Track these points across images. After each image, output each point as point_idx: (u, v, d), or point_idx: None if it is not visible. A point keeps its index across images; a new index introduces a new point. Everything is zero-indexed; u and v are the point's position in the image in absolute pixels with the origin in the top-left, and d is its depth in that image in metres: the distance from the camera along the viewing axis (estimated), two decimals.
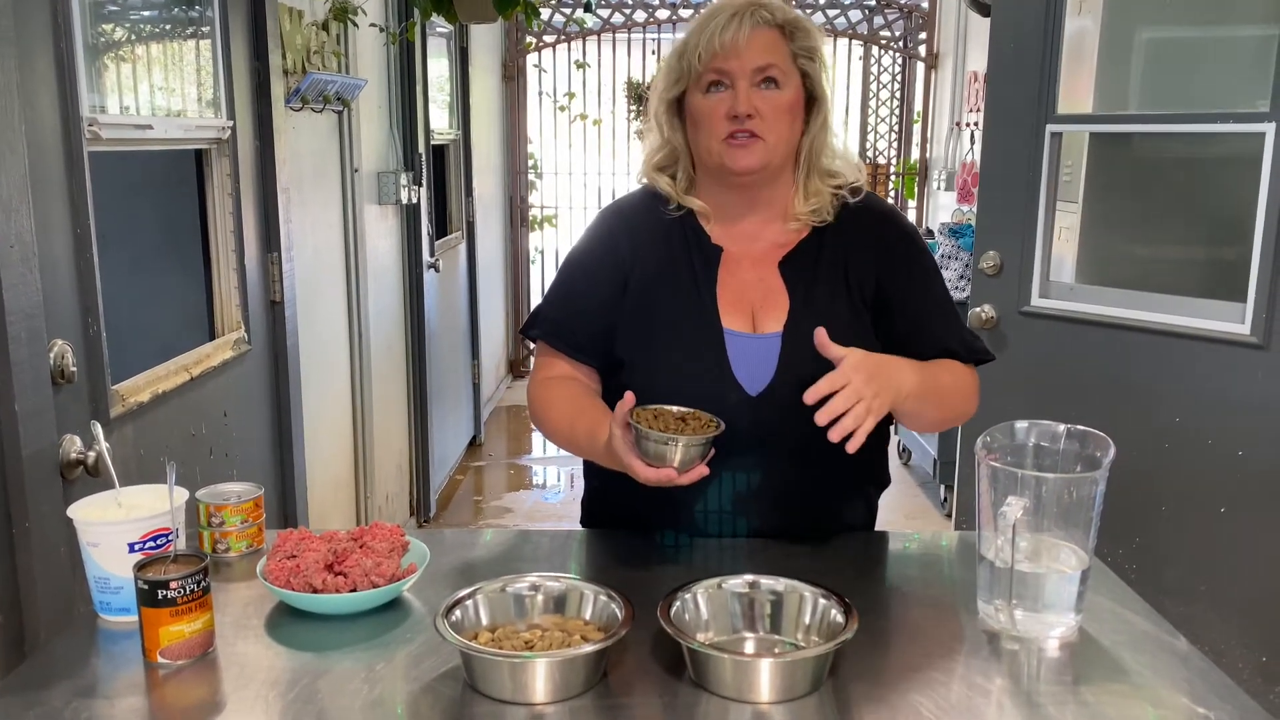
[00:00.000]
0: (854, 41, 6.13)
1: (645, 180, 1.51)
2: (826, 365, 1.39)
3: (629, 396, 1.25)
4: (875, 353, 1.30)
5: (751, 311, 1.42)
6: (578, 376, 1.48)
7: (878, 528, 1.56)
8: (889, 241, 1.46)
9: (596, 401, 1.43)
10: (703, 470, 1.25)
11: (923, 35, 5.93)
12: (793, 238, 1.45)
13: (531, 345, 6.41)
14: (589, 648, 1.04)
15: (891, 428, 1.56)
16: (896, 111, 6.20)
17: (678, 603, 1.12)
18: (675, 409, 1.30)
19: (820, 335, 1.26)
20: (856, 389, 1.21)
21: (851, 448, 1.21)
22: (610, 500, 1.52)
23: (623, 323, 1.44)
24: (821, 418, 1.20)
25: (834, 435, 1.20)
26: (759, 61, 1.34)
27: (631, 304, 1.44)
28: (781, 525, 1.43)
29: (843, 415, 1.20)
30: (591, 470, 1.57)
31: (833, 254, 1.44)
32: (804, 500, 1.43)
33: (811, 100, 1.41)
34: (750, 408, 1.37)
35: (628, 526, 1.48)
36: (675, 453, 1.22)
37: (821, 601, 1.14)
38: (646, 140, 1.51)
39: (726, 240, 1.46)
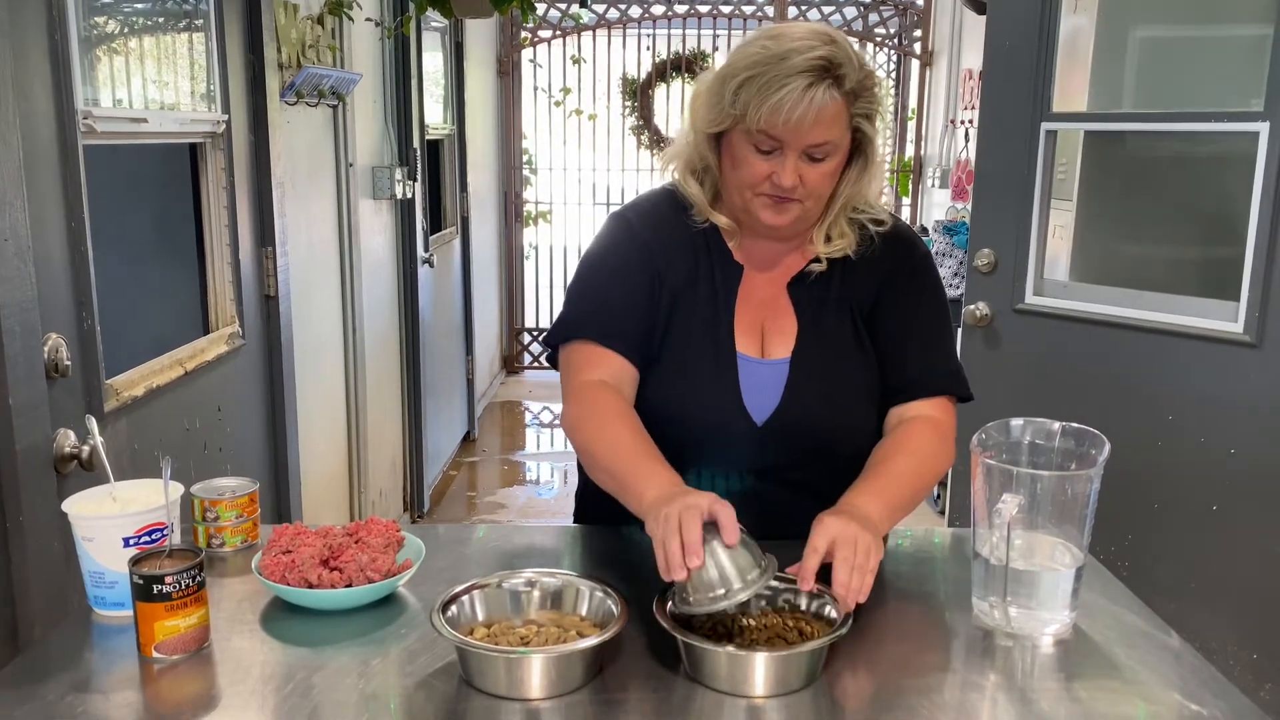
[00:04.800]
0: (849, 39, 6.12)
1: (675, 178, 1.43)
2: (832, 396, 1.37)
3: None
4: (830, 512, 1.19)
5: (762, 333, 1.39)
6: (621, 385, 1.34)
7: None
8: (893, 260, 1.41)
9: (652, 449, 1.25)
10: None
11: (918, 33, 5.93)
12: (804, 260, 1.40)
13: (529, 345, 6.45)
14: (585, 643, 1.04)
15: None
16: (891, 109, 6.20)
17: (673, 597, 1.12)
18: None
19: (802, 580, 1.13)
20: (849, 561, 1.11)
21: (863, 598, 1.11)
22: (604, 498, 1.51)
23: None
24: (850, 602, 1.10)
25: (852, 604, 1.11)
26: (816, 140, 1.26)
27: (659, 310, 1.38)
28: (796, 531, 1.41)
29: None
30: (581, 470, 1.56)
31: (843, 279, 1.39)
32: (802, 526, 1.41)
33: (857, 148, 1.33)
34: (755, 436, 1.35)
35: (620, 523, 1.47)
36: (731, 597, 1.05)
37: (816, 597, 1.14)
38: (679, 139, 1.42)
39: (747, 258, 1.41)
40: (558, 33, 6.07)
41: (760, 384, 1.37)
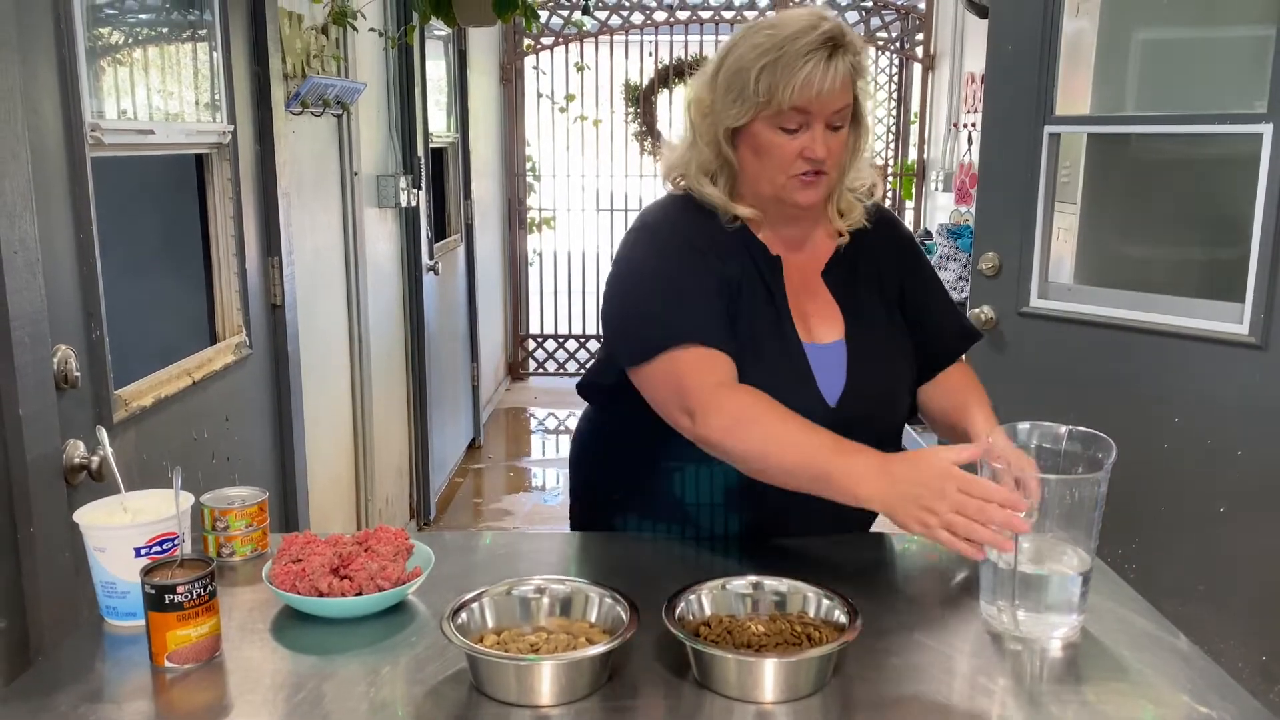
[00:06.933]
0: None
1: (684, 186, 1.44)
2: (893, 372, 1.45)
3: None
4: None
5: (807, 320, 1.43)
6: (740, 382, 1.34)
7: (876, 528, 1.55)
8: (902, 246, 1.52)
9: (830, 437, 1.25)
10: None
11: (919, 36, 5.94)
12: (829, 245, 1.48)
13: (534, 351, 6.46)
14: (594, 650, 1.04)
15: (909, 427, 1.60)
16: (894, 112, 6.21)
17: (682, 604, 1.13)
18: None
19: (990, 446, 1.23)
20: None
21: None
22: (596, 507, 1.51)
23: None
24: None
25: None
26: (840, 105, 1.32)
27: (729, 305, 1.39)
28: (796, 527, 1.43)
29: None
30: (578, 468, 1.58)
31: (865, 260, 1.48)
32: (863, 515, 1.40)
33: (853, 118, 1.38)
34: (830, 418, 1.33)
35: (618, 519, 1.48)
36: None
37: (825, 602, 1.15)
38: (681, 145, 1.44)
39: (778, 247, 1.44)
40: (560, 40, 6.09)
41: (823, 367, 1.40)
